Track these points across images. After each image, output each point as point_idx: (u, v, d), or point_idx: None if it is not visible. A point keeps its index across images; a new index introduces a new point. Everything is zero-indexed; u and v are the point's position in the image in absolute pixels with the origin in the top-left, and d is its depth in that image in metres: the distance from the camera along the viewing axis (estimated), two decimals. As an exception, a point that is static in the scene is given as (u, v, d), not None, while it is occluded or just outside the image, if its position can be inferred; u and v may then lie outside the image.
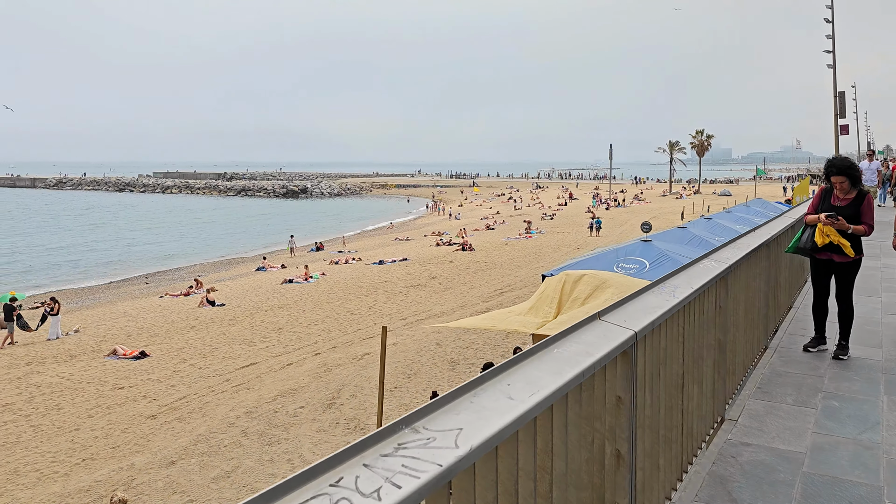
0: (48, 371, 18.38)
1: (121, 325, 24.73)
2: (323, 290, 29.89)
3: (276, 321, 23.51)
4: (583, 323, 2.18)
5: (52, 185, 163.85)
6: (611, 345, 2.05)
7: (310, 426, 12.93)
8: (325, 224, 78.55)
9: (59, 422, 14.18)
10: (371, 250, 47.70)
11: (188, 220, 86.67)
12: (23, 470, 11.68)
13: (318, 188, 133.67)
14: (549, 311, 10.73)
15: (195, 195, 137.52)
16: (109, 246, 60.41)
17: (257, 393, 15.24)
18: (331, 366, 17.16)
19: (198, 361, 18.55)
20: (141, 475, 11.08)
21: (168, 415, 14.18)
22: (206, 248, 58.67)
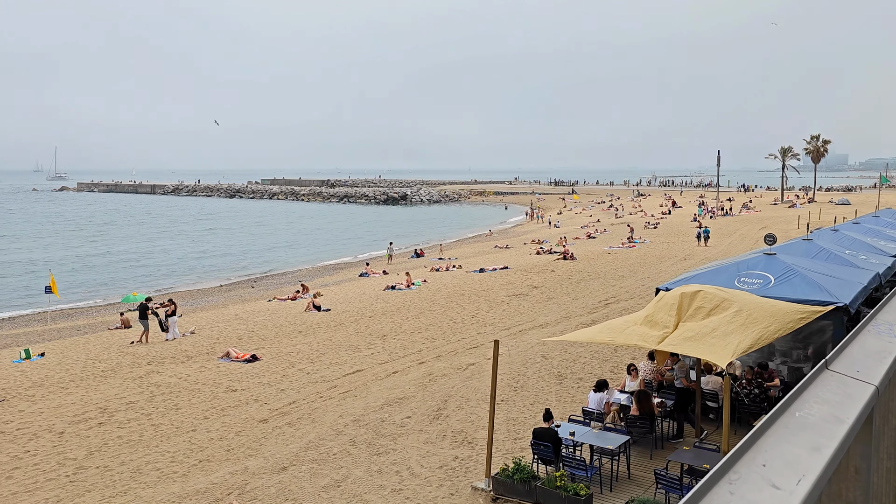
0: (167, 371, 19.16)
1: (233, 327, 25.59)
2: (425, 297, 29.97)
3: (380, 328, 23.70)
4: (814, 376, 1.83)
5: (169, 191, 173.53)
6: (857, 405, 1.70)
7: (417, 437, 12.81)
8: (424, 231, 79.28)
9: (177, 422, 14.68)
10: (471, 258, 47.64)
11: (294, 225, 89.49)
12: (145, 469, 12.11)
13: (418, 195, 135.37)
14: (669, 319, 10.14)
15: (300, 201, 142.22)
16: (221, 250, 63.14)
17: (364, 401, 15.30)
18: (436, 375, 17.05)
19: (306, 366, 18.87)
20: (254, 480, 11.25)
21: (279, 419, 14.42)
22: (311, 254, 60.32)
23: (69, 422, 15.00)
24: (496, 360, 10.21)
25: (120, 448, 13.24)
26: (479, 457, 11.62)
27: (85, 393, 17.30)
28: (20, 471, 12.31)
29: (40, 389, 18.00)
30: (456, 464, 11.42)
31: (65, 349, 23.67)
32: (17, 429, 14.74)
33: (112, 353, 22.19)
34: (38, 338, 27.79)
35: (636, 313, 11.19)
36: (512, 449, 11.96)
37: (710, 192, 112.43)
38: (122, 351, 22.54)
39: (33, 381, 19.01)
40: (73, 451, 13.16)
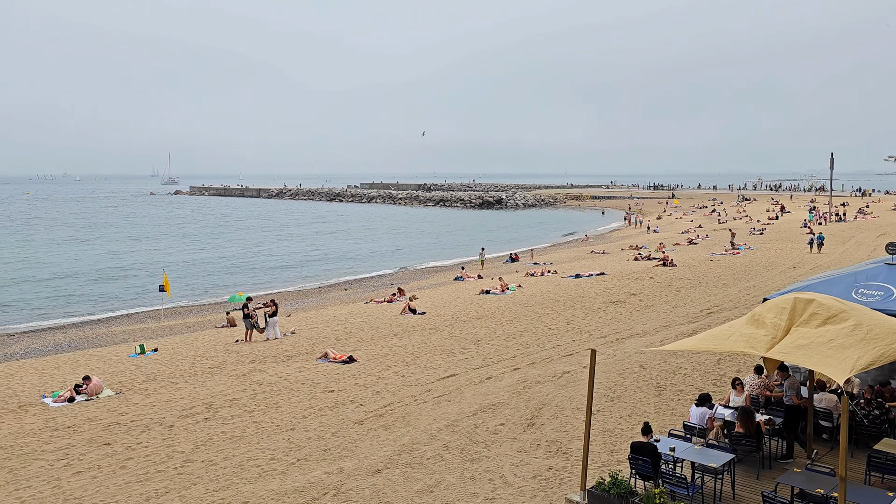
0: (268, 370, 19.82)
1: (331, 328, 26.21)
2: (519, 302, 29.75)
3: (474, 332, 23.68)
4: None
5: (273, 195, 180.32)
6: None
7: (510, 445, 12.67)
8: (519, 235, 78.87)
9: (277, 420, 15.13)
10: (566, 263, 46.98)
11: (390, 229, 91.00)
12: (246, 464, 12.53)
13: (513, 199, 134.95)
14: (779, 321, 9.51)
15: (397, 205, 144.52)
16: (321, 252, 64.96)
17: (458, 406, 15.29)
18: (530, 382, 16.84)
19: (401, 369, 19.07)
20: (349, 481, 11.42)
21: (374, 421, 14.61)
22: (407, 257, 61.13)
23: (178, 416, 15.73)
24: (593, 369, 9.95)
25: (224, 443, 13.76)
26: (573, 468, 11.37)
27: (193, 389, 18.12)
28: (133, 461, 13.00)
29: (153, 384, 18.99)
30: (550, 474, 11.21)
31: (175, 346, 24.89)
32: (132, 420, 15.59)
33: (218, 351, 23.17)
34: (152, 334, 29.36)
35: (741, 318, 10.63)
36: (608, 462, 11.63)
37: (823, 196, 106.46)
38: (228, 349, 23.49)
39: (147, 375, 20.08)
40: (181, 445, 13.78)
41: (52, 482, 12.15)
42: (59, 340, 29.83)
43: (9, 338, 31.53)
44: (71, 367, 21.92)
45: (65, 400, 17.50)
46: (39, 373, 21.48)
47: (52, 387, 19.16)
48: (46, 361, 23.68)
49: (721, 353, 14.47)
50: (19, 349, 28.09)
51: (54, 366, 22.58)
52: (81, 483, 12.03)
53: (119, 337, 29.60)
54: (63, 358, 24.34)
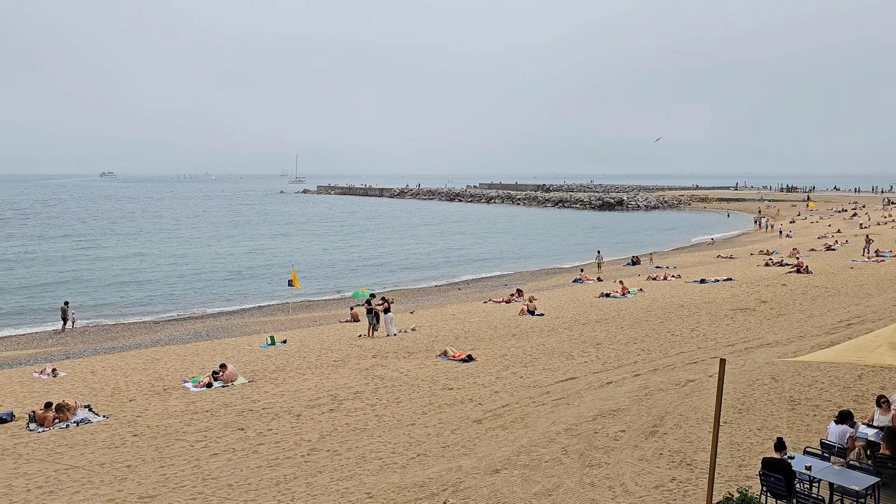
0: (389, 365, 20.36)
1: (450, 327, 26.57)
2: (641, 306, 28.99)
3: (594, 336, 23.31)
4: None
5: (395, 195, 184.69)
6: None
7: (631, 453, 12.39)
8: (640, 238, 76.80)
9: (398, 414, 15.53)
10: (690, 267, 45.31)
11: (509, 229, 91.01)
12: (368, 456, 12.94)
13: (635, 200, 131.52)
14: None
15: (516, 205, 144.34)
16: (442, 251, 65.95)
17: (577, 410, 15.11)
18: (652, 389, 16.39)
19: (519, 370, 19.07)
20: (468, 479, 11.55)
21: (492, 421, 14.70)
22: (526, 258, 60.97)
23: (305, 405, 16.47)
24: (721, 379, 9.54)
25: (347, 434, 14.28)
26: (698, 480, 10.97)
27: (319, 380, 18.90)
28: (264, 447, 13.74)
29: (282, 374, 19.98)
30: (673, 486, 10.87)
31: (303, 338, 26.06)
32: (263, 408, 16.47)
33: (342, 345, 24.05)
34: (282, 326, 30.87)
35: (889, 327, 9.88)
36: (735, 476, 11.14)
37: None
38: (351, 343, 24.33)
39: (277, 365, 21.15)
40: (307, 434, 14.42)
41: (192, 462, 13.04)
42: (198, 329, 31.93)
43: (155, 325, 34.11)
44: (209, 355, 23.43)
45: (203, 385, 18.72)
46: (181, 359, 23.11)
47: (193, 372, 20.55)
48: (187, 348, 25.43)
49: (865, 366, 13.53)
50: (164, 336, 30.31)
51: (194, 353, 24.21)
52: (218, 465, 12.84)
53: (251, 328, 31.31)
54: (202, 346, 26.05)
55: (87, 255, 62.60)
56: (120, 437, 14.73)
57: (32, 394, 19.01)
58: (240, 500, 11.15)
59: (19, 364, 25.14)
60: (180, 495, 11.45)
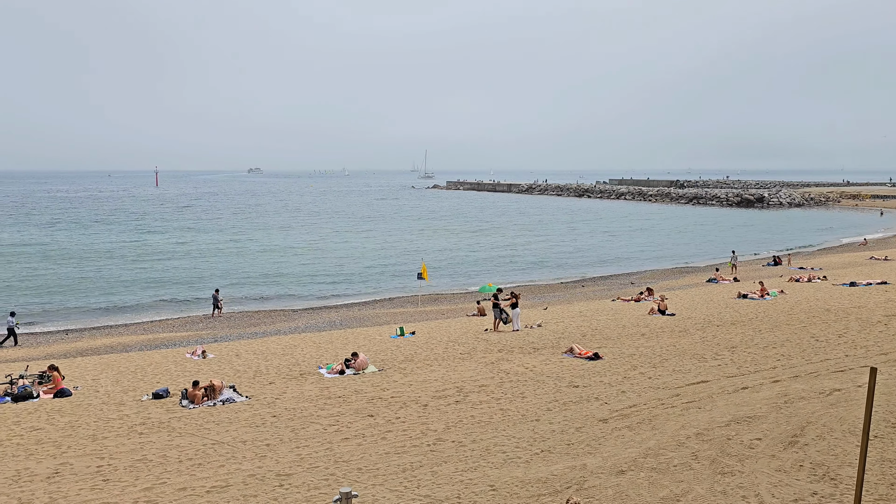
0: (515, 360, 20.42)
1: (576, 324, 26.26)
2: (781, 309, 27.40)
3: (728, 338, 22.29)
4: None
5: (523, 190, 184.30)
6: None
7: (767, 463, 11.77)
8: (782, 237, 72.46)
9: (522, 409, 15.56)
10: (839, 269, 42.26)
11: (640, 226, 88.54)
12: (492, 449, 13.06)
13: (777, 197, 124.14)
14: None
15: (647, 202, 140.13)
16: (570, 246, 65.16)
17: (709, 414, 14.53)
18: (792, 397, 15.47)
19: (647, 370, 18.57)
20: (592, 478, 11.41)
21: (618, 421, 14.42)
22: (655, 256, 59.12)
23: (431, 396, 16.85)
24: (872, 390, 8.88)
25: (472, 427, 14.48)
26: (843, 497, 10.27)
27: (445, 372, 19.27)
28: (392, 434, 14.19)
29: (410, 364, 20.52)
30: (814, 500, 10.24)
31: (431, 330, 26.62)
32: (392, 396, 17.01)
33: (469, 338, 24.36)
34: (410, 318, 31.68)
35: None
36: (887, 495, 10.33)
37: None
38: (478, 337, 24.59)
39: (405, 355, 21.75)
40: (433, 424, 14.75)
41: (325, 444, 13.68)
42: (332, 318, 33.39)
43: (293, 313, 36.00)
44: (342, 343, 24.45)
45: (336, 372, 19.57)
46: (317, 346, 24.26)
47: (327, 359, 21.53)
48: (322, 336, 26.66)
49: None
50: (301, 324, 31.94)
51: (328, 341, 25.35)
52: (349, 448, 13.41)
53: (382, 318, 32.35)
54: (336, 334, 27.23)
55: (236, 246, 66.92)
56: (260, 417, 15.69)
57: (185, 373, 20.61)
58: (368, 483, 11.60)
59: (174, 345, 27.32)
60: (314, 475, 12.05)
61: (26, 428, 15.47)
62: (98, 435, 14.80)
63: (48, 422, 15.91)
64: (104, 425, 15.52)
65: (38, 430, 15.23)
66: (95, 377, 20.53)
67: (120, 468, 12.71)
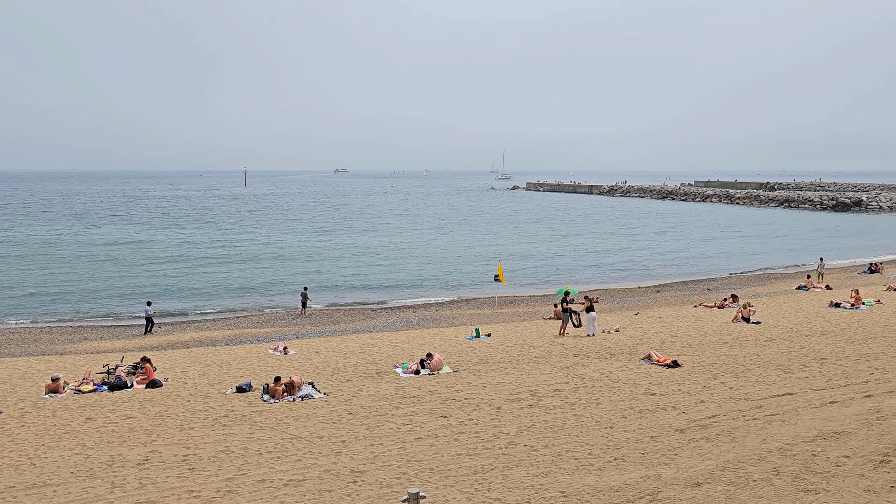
0: (590, 365, 20.17)
1: (655, 330, 25.69)
2: (877, 319, 26.02)
3: (817, 349, 21.35)
4: None
5: (605, 192, 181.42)
6: None
7: (856, 482, 11.23)
8: (881, 243, 68.65)
9: (597, 416, 15.37)
10: (945, 278, 39.73)
11: (726, 229, 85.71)
12: (564, 455, 12.96)
13: (876, 200, 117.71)
14: None
15: (734, 205, 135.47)
16: (650, 250, 63.77)
17: (793, 428, 13.97)
18: (886, 414, 14.68)
19: (729, 380, 18.00)
20: (666, 489, 11.17)
21: (696, 432, 14.05)
22: (742, 260, 57.15)
23: (505, 399, 16.85)
24: (970, 410, 8.37)
25: (545, 431, 14.40)
26: (937, 521, 9.72)
27: (519, 375, 19.23)
28: (465, 435, 14.28)
29: (484, 366, 20.57)
30: (905, 523, 9.73)
31: (506, 332, 26.60)
32: (465, 398, 17.10)
33: (544, 342, 24.21)
34: (486, 319, 31.73)
35: None
36: None
37: None
38: (553, 341, 24.41)
39: (480, 357, 21.81)
40: (506, 427, 14.75)
41: (399, 443, 13.90)
42: (409, 318, 33.80)
43: (372, 312, 36.65)
44: (418, 343, 24.74)
45: (412, 372, 19.82)
46: (393, 345, 24.64)
47: (403, 359, 21.83)
48: (399, 335, 27.05)
49: None
50: (379, 323, 32.47)
51: (405, 340, 25.69)
52: (422, 448, 13.57)
53: (458, 319, 32.53)
54: (412, 334, 27.57)
55: (321, 247, 68.65)
56: (337, 414, 16.08)
57: (267, 368, 21.32)
58: (439, 483, 11.71)
59: (258, 341, 28.28)
60: (387, 473, 12.27)
61: (120, 416, 16.37)
62: (185, 425, 15.51)
63: (140, 411, 16.78)
64: (191, 416, 16.25)
65: (131, 419, 16.09)
66: (184, 370, 21.50)
67: (204, 458, 13.28)
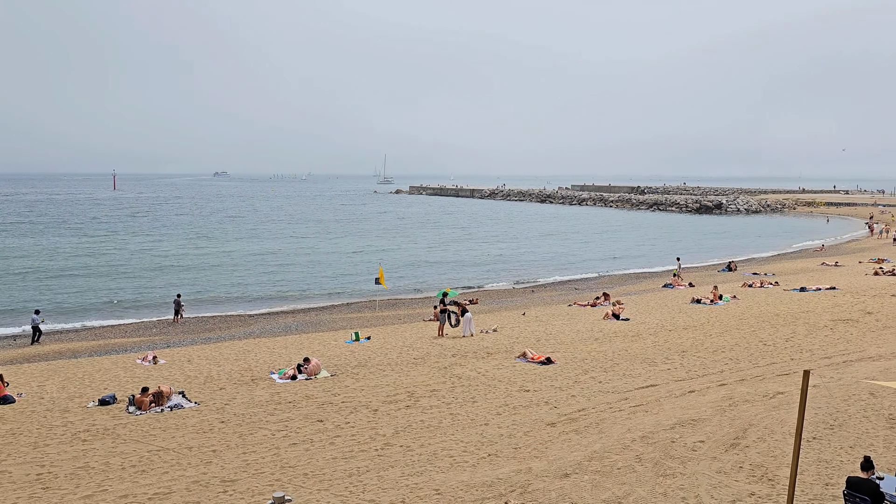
0: (468, 365, 20.45)
1: (531, 328, 26.41)
2: (733, 314, 27.94)
3: (679, 342, 22.64)
4: None
5: (486, 196, 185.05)
6: None
7: (709, 465, 11.97)
8: (738, 243, 73.86)
9: (472, 414, 15.59)
10: (791, 275, 43.24)
11: (600, 232, 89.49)
12: (440, 454, 13.06)
13: (734, 204, 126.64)
14: None
15: (608, 208, 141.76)
16: (529, 252, 65.56)
17: (655, 417, 14.73)
18: (737, 400, 15.77)
19: (598, 374, 18.76)
20: (537, 481, 11.47)
21: (566, 425, 14.53)
22: (614, 261, 59.80)
23: (382, 401, 16.78)
24: (805, 391, 9.09)
25: (421, 431, 14.45)
26: (779, 497, 10.50)
27: (398, 377, 19.21)
28: (340, 439, 14.09)
29: (363, 369, 20.41)
30: (751, 500, 10.45)
31: (386, 335, 26.52)
32: (342, 401, 16.89)
33: (424, 343, 24.33)
34: (367, 323, 31.52)
35: None
36: (821, 495, 10.59)
37: None
38: (433, 342, 24.58)
39: (359, 360, 21.63)
40: (383, 428, 14.68)
41: (272, 450, 13.53)
42: (288, 323, 33.06)
43: (249, 318, 35.56)
44: (296, 348, 24.23)
45: (288, 377, 19.37)
46: (270, 351, 24.00)
47: (280, 364, 21.30)
48: (276, 341, 26.38)
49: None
50: (256, 329, 31.56)
51: (283, 346, 25.09)
52: (296, 454, 13.27)
53: (338, 324, 32.14)
54: (290, 339, 26.97)
55: (197, 253, 65.89)
56: (208, 423, 15.45)
57: (134, 379, 20.20)
58: (313, 488, 11.49)
59: (125, 351, 26.76)
60: (259, 481, 11.91)
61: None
62: (40, 442, 14.43)
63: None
64: (47, 432, 15.13)
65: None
66: (41, 384, 20.00)
67: (60, 476, 12.40)
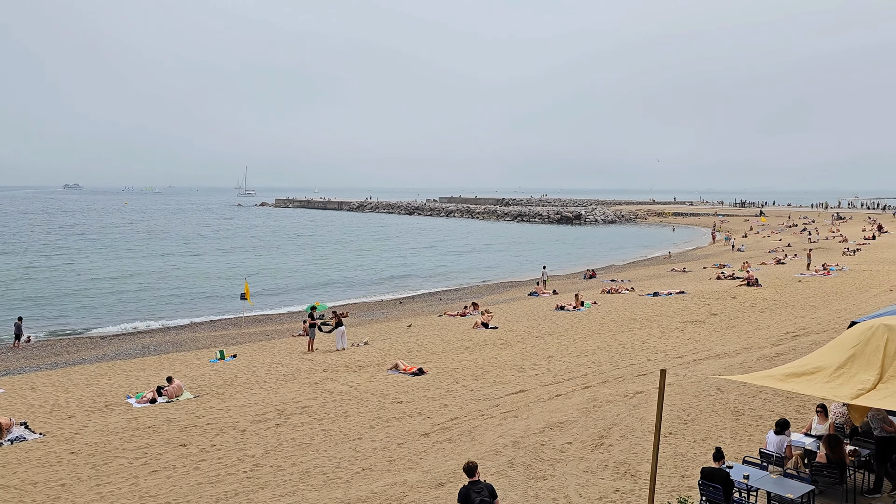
0: (340, 379, 20.11)
1: (403, 340, 26.40)
2: (594, 319, 29.23)
3: (546, 348, 23.39)
4: None
5: (354, 208, 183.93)
6: None
7: (577, 465, 12.39)
8: (597, 251, 77.66)
9: (345, 429, 15.32)
10: (645, 281, 45.91)
11: (467, 243, 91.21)
12: (313, 471, 12.71)
13: (593, 215, 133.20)
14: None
15: (475, 219, 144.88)
16: (398, 264, 65.69)
17: (525, 422, 15.09)
18: (601, 401, 16.47)
19: (470, 383, 19.00)
20: (412, 493, 11.41)
21: (440, 434, 14.59)
22: (481, 272, 61.09)
23: (251, 421, 16.15)
24: (662, 390, 9.61)
25: (292, 449, 14.02)
26: (641, 491, 11.02)
27: (266, 395, 18.57)
28: (206, 463, 13.40)
29: (229, 388, 19.58)
30: (616, 497, 10.90)
31: (253, 352, 25.62)
32: (207, 423, 16.10)
33: (293, 359, 23.70)
34: (233, 340, 30.32)
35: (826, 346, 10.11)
36: (678, 487, 11.21)
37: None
38: (302, 357, 24.00)
39: (224, 380, 20.73)
40: (252, 449, 14.12)
41: (130, 480, 12.65)
42: (146, 344, 31.17)
43: (101, 340, 33.20)
44: (155, 370, 22.86)
45: (147, 401, 18.24)
46: (126, 374, 22.51)
47: (137, 388, 20.02)
48: (133, 364, 24.79)
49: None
50: (110, 351, 29.50)
51: (140, 368, 23.61)
52: (157, 482, 12.48)
53: (202, 342, 30.68)
54: (149, 361, 25.43)
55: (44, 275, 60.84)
56: (56, 455, 14.25)
57: (-34, 411, 18.27)
58: (176, 518, 10.85)
59: (-45, 381, 24.18)
60: (114, 514, 11.09)
61: None
62: None
63: None
64: None
65: None
66: None
67: None
